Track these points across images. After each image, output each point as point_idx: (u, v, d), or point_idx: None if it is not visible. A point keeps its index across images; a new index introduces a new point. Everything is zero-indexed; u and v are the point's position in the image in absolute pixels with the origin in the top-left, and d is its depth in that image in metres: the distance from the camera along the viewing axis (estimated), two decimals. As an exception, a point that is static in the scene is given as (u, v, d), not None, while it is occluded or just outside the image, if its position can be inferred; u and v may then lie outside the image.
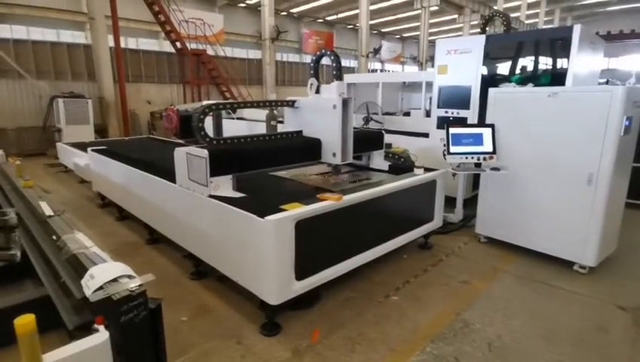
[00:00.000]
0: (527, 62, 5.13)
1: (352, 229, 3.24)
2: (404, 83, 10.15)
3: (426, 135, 5.88)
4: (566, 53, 4.47)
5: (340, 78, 3.87)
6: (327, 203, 2.89)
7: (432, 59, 24.32)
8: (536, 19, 25.32)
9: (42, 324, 2.75)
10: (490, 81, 5.11)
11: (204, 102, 11.44)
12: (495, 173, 4.01)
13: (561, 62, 4.81)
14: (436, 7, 19.23)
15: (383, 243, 3.54)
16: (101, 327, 1.89)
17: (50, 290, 2.78)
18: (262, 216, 2.59)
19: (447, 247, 4.37)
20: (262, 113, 8.16)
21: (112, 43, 11.26)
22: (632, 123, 3.60)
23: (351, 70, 22.57)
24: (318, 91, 3.96)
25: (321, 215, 2.85)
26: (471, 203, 4.98)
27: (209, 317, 3.06)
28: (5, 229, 3.82)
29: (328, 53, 3.85)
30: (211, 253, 3.24)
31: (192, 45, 12.97)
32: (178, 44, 12.49)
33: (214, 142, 3.39)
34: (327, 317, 3.05)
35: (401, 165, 4.38)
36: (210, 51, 13.51)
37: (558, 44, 4.68)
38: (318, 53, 3.98)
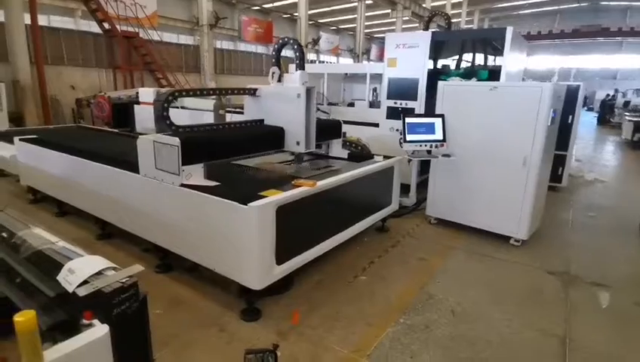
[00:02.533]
0: (466, 58, 5.62)
1: (323, 214, 3.38)
2: (346, 74, 10.45)
3: (376, 125, 6.18)
4: (500, 52, 5.00)
5: (302, 67, 3.94)
6: (304, 188, 2.99)
7: (367, 51, 25.08)
8: (459, 19, 27.32)
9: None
10: (434, 74, 5.53)
11: (140, 89, 10.71)
12: (445, 160, 4.39)
13: (495, 60, 5.37)
14: (371, 1, 19.90)
15: (349, 227, 3.73)
16: (96, 321, 1.82)
17: (7, 292, 2.54)
18: (244, 203, 2.62)
19: (402, 229, 4.71)
20: (204, 102, 7.92)
21: (27, 20, 10.03)
22: (556, 114, 4.18)
23: (289, 60, 22.52)
24: (280, 80, 4.00)
25: (297, 201, 2.94)
26: (418, 188, 5.39)
27: (185, 308, 3.02)
28: None
29: (291, 41, 3.89)
30: (183, 243, 3.17)
31: (122, 27, 12.01)
32: (106, 25, 11.49)
33: (180, 130, 3.31)
34: (302, 299, 3.17)
35: (359, 153, 4.60)
36: (142, 35, 12.62)
37: (493, 43, 5.20)
38: (280, 41, 4.00)
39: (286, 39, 3.92)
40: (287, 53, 4.39)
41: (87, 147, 4.67)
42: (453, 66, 5.78)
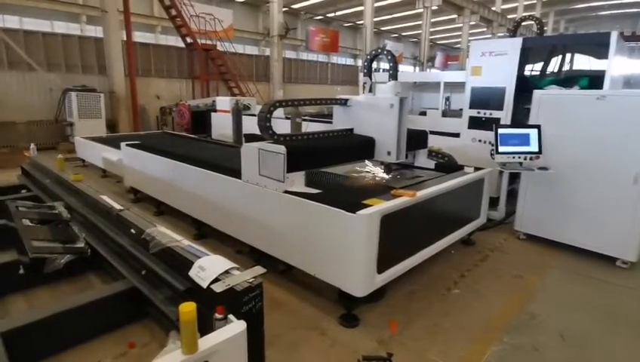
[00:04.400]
0: (562, 65, 5.30)
1: (420, 225, 3.35)
2: (415, 83, 10.30)
3: (455, 135, 6.02)
4: (603, 57, 4.65)
5: (395, 77, 3.97)
6: (405, 198, 3.00)
7: (432, 59, 24.50)
8: (532, 22, 25.81)
9: (127, 316, 2.83)
10: (523, 82, 5.28)
11: (217, 98, 11.35)
12: (540, 173, 4.16)
13: (591, 65, 5.01)
14: (437, 7, 19.49)
15: (442, 239, 3.67)
16: (231, 316, 1.97)
17: (136, 282, 2.83)
18: (352, 211, 2.68)
19: (489, 243, 4.52)
20: (277, 111, 8.22)
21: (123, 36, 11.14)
22: (675, 126, 3.79)
23: (354, 69, 22.70)
24: (371, 90, 4.06)
25: (398, 210, 2.95)
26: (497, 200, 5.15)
27: (284, 311, 3.14)
28: (60, 223, 3.85)
29: (385, 52, 3.94)
30: (282, 247, 3.31)
31: (201, 40, 12.90)
32: (188, 39, 12.40)
33: (281, 138, 3.47)
34: (397, 309, 3.16)
35: (447, 164, 4.50)
36: (219, 47, 13.45)
37: (594, 48, 4.86)
38: (372, 52, 4.07)
39: (379, 50, 3.98)
40: (345, 61, 4.43)
41: (184, 152, 5.07)
42: (546, 73, 5.47)
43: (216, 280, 2.19)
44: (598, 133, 3.89)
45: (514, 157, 4.21)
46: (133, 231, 3.02)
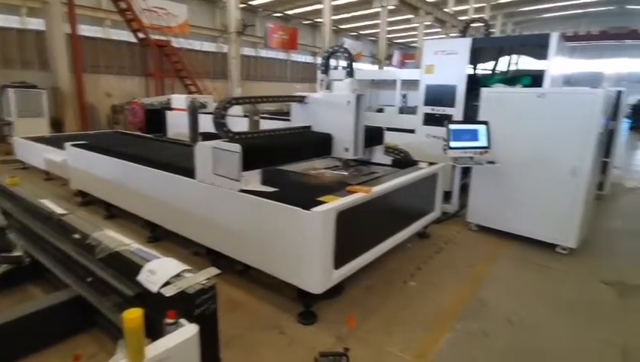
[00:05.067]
0: (504, 63, 5.58)
1: (376, 220, 3.41)
2: (372, 80, 10.48)
3: (410, 131, 6.18)
4: (544, 57, 4.95)
5: (351, 74, 4.00)
6: (361, 195, 3.03)
7: (389, 57, 24.95)
8: (481, 24, 27.00)
9: (73, 326, 2.67)
10: (473, 80, 5.51)
11: (172, 96, 11.00)
12: (489, 167, 4.36)
13: (535, 65, 5.32)
14: (393, 7, 19.92)
15: (398, 233, 3.75)
16: (183, 320, 1.90)
17: (81, 291, 2.66)
18: (307, 208, 2.68)
19: (443, 236, 4.69)
20: (234, 108, 8.09)
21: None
22: (608, 122, 4.11)
23: (313, 67, 22.70)
24: (328, 87, 4.07)
25: (354, 207, 2.98)
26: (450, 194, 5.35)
27: (242, 311, 3.09)
28: (-5, 231, 3.56)
29: (341, 50, 3.96)
30: (239, 247, 3.25)
31: (155, 36, 12.38)
32: (140, 34, 11.87)
33: (236, 136, 3.40)
34: (355, 304, 3.20)
35: (402, 159, 4.61)
36: (174, 43, 12.98)
37: (536, 48, 5.15)
38: (329, 50, 4.08)
39: (336, 47, 4.00)
40: (304, 59, 4.45)
41: (135, 152, 4.84)
42: (494, 72, 5.73)
43: (167, 283, 2.11)
44: (540, 128, 4.13)
45: (465, 152, 4.38)
46: (77, 236, 2.84)
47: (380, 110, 9.71)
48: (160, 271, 2.17)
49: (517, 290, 3.50)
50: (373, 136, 4.54)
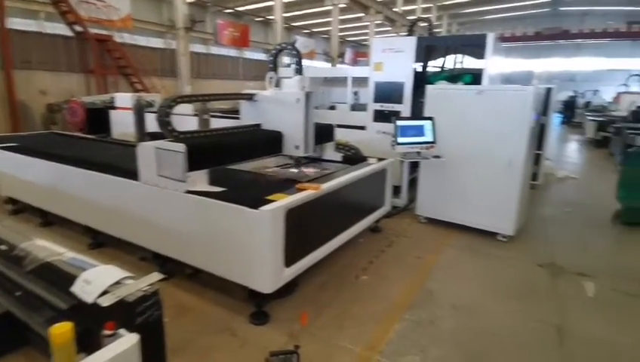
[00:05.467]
0: (450, 62, 5.84)
1: (326, 217, 3.44)
2: (325, 78, 10.57)
3: (361, 127, 6.29)
4: (482, 57, 5.23)
5: (300, 71, 4.00)
6: (310, 192, 3.04)
7: (342, 55, 25.19)
8: (425, 24, 28.04)
9: (1, 345, 2.47)
10: (420, 78, 5.71)
11: (116, 94, 10.48)
12: (435, 161, 4.55)
13: (476, 64, 5.61)
14: (344, 5, 20.16)
15: (349, 229, 3.81)
16: (122, 331, 1.81)
17: (9, 306, 2.45)
18: (255, 207, 2.64)
19: (394, 229, 4.83)
20: (183, 107, 7.83)
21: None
22: (538, 117, 4.42)
23: (266, 64, 22.39)
24: (277, 85, 4.04)
25: (304, 204, 2.99)
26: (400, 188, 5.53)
27: (192, 315, 3.00)
28: None
29: (289, 47, 3.94)
30: (187, 250, 3.15)
31: (94, 30, 11.62)
32: (77, 28, 11.08)
33: (181, 135, 3.28)
34: (308, 301, 3.22)
35: (352, 156, 4.68)
36: (116, 38, 12.27)
37: (475, 48, 5.43)
38: (277, 47, 4.05)
39: (283, 45, 3.97)
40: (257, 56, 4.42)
41: (73, 154, 4.54)
42: (439, 70, 5.97)
43: (105, 293, 1.99)
44: (479, 123, 4.36)
45: (412, 148, 4.53)
46: (3, 247, 2.61)
47: (333, 107, 9.80)
48: (96, 281, 2.04)
49: (462, 278, 3.68)
50: (323, 133, 4.57)
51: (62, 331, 1.43)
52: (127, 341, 1.71)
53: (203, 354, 2.57)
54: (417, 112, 5.59)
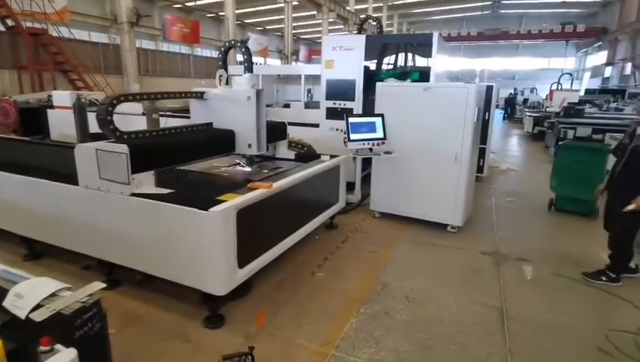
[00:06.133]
0: (399, 60, 6.01)
1: (279, 215, 3.42)
2: (279, 76, 10.50)
3: (315, 125, 6.32)
4: (428, 55, 5.44)
5: (250, 70, 3.94)
6: (261, 191, 3.01)
7: (296, 53, 25.17)
8: (374, 22, 28.74)
9: None
10: (370, 75, 5.83)
11: (53, 92, 9.79)
12: (386, 157, 4.67)
13: (425, 62, 5.82)
14: (297, 3, 20.14)
15: (303, 226, 3.82)
16: (59, 346, 1.69)
17: None
18: (204, 208, 2.57)
19: (349, 225, 4.91)
20: (131, 106, 7.46)
21: None
22: (480, 112, 4.67)
23: (215, 62, 21.84)
24: (227, 83, 3.95)
25: (255, 203, 2.95)
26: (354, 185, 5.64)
27: (142, 324, 2.87)
28: None
29: (238, 45, 3.87)
30: (135, 256, 3.00)
31: (27, 24, 10.72)
32: (9, 22, 10.18)
33: (124, 136, 3.12)
34: (265, 300, 3.19)
35: (305, 153, 4.70)
36: (52, 32, 11.41)
37: (422, 46, 5.63)
38: (227, 44, 3.96)
39: (233, 42, 3.89)
40: (210, 53, 4.33)
41: (5, 158, 4.17)
42: (389, 68, 6.13)
43: (39, 306, 1.85)
44: (427, 119, 4.53)
45: (364, 144, 4.62)
46: None
47: (287, 105, 9.76)
48: (29, 294, 1.89)
49: (414, 270, 3.82)
50: (276, 131, 4.54)
51: (-13, 351, 1.31)
52: (64, 357, 1.60)
53: (153, 363, 2.47)
54: (369, 109, 5.72)
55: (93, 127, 4.56)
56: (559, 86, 17.34)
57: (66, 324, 1.81)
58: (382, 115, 4.68)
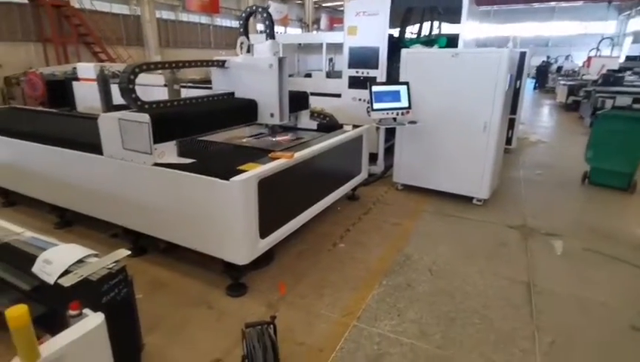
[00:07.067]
0: (426, 25, 5.71)
1: (301, 186, 3.38)
2: (300, 45, 10.23)
3: (337, 95, 6.16)
4: (458, 21, 5.12)
5: (272, 36, 3.81)
6: (283, 161, 2.96)
7: (317, 21, 24.48)
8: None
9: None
10: (394, 42, 5.57)
11: (78, 65, 9.91)
12: (411, 127, 4.51)
13: (453, 29, 5.51)
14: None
15: (325, 197, 3.78)
16: (87, 310, 1.73)
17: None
18: (225, 178, 2.55)
19: (371, 197, 4.83)
20: (154, 77, 7.45)
21: None
22: (512, 79, 4.41)
23: (236, 32, 21.51)
24: (249, 51, 3.86)
25: (277, 173, 2.91)
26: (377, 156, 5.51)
27: (167, 290, 2.95)
28: None
29: (259, 10, 3.73)
30: (158, 224, 3.05)
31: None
32: (30, -7, 10.25)
33: (146, 105, 3.11)
34: (287, 270, 3.21)
35: (328, 123, 4.59)
36: (74, 3, 11.43)
37: (450, 12, 5.31)
38: (247, 10, 3.83)
39: (254, 7, 3.75)
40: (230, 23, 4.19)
41: (34, 130, 4.26)
42: (415, 34, 5.84)
43: (67, 272, 1.90)
44: (455, 87, 4.31)
45: (388, 114, 4.47)
46: (-43, 229, 2.45)
47: (308, 75, 9.56)
48: (57, 260, 1.94)
49: (438, 242, 3.74)
50: (298, 100, 4.44)
51: (17, 314, 1.34)
52: (92, 321, 1.64)
53: (179, 328, 2.53)
54: (393, 77, 5.50)
55: (118, 99, 4.59)
56: (598, 52, 16.24)
57: (93, 290, 1.86)
58: (407, 83, 4.49)
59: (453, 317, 2.68)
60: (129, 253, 2.05)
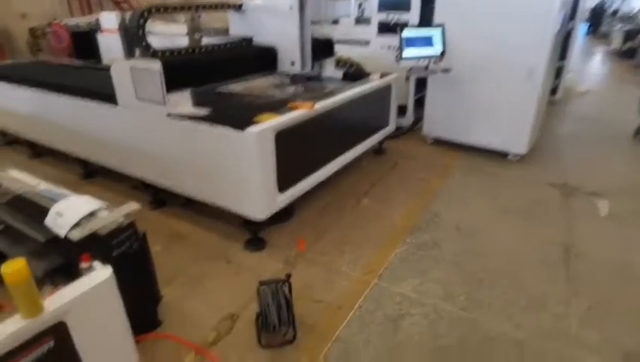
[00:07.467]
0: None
1: (323, 138, 3.18)
2: (326, -11, 9.53)
3: (366, 43, 5.73)
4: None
5: (290, -27, 3.46)
6: (302, 111, 2.76)
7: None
8: None
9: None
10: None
11: (101, 14, 9.68)
12: (444, 75, 4.13)
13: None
14: None
15: (349, 151, 3.57)
16: (96, 263, 1.69)
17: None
18: (240, 128, 2.40)
19: (399, 151, 4.58)
20: (175, 27, 7.17)
21: None
22: (565, 20, 3.87)
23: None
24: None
25: (296, 125, 2.72)
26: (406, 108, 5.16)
27: (186, 243, 2.93)
28: None
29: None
30: (174, 177, 2.97)
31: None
32: (49, -61, 9.90)
33: (159, 53, 2.93)
34: (307, 226, 3.11)
35: (353, 73, 4.28)
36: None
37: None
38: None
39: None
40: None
41: (56, 81, 4.21)
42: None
43: (77, 225, 1.85)
44: (496, 28, 3.84)
45: (419, 61, 4.09)
46: (-24, 180, 2.46)
47: (335, 22, 8.98)
48: (68, 213, 1.89)
49: (468, 200, 3.51)
50: (322, 48, 4.13)
51: (13, 270, 1.27)
52: (100, 274, 1.59)
53: (196, 281, 2.52)
54: (427, 20, 5.01)
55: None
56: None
57: (102, 243, 1.81)
58: (442, 26, 4.04)
59: (481, 278, 2.52)
60: (139, 206, 1.97)
